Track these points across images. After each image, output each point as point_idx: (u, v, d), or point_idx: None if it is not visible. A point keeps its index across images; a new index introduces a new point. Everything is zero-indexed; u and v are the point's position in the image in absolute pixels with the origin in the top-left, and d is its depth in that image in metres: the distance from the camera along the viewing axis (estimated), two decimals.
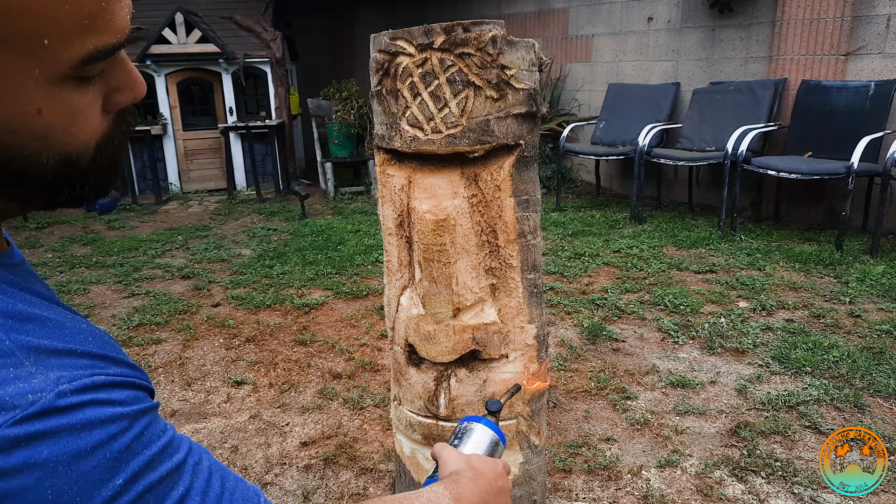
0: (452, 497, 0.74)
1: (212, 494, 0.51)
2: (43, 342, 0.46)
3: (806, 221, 4.98)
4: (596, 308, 3.53)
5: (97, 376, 0.47)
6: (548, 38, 6.97)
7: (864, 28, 4.57)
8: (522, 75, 1.12)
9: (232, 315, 3.59)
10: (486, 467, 0.84)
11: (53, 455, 0.43)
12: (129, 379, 0.50)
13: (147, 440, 0.48)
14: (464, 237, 1.19)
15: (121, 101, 0.53)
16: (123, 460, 0.46)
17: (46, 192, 0.52)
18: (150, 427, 0.49)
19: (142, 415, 0.49)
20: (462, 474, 0.81)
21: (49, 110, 0.47)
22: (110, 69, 0.51)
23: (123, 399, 0.48)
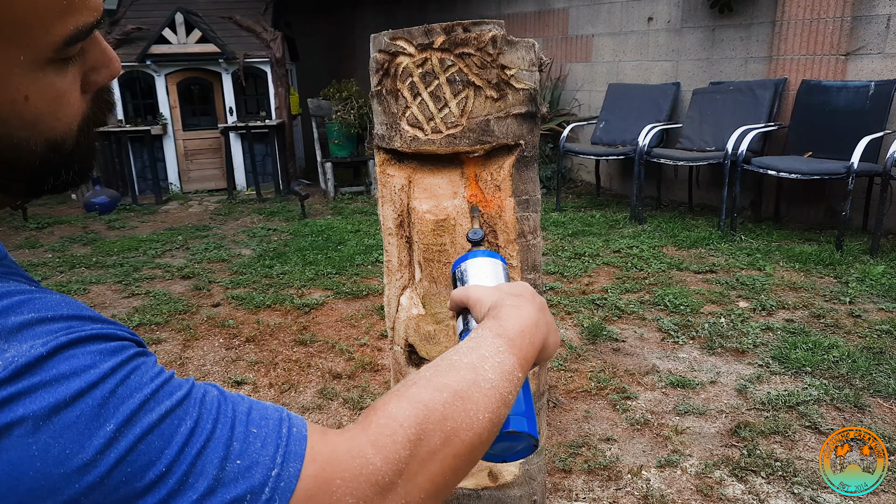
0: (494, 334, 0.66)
1: (223, 419, 0.48)
2: (14, 320, 0.45)
3: (806, 221, 4.98)
4: (596, 308, 3.53)
5: (71, 334, 0.46)
6: (548, 38, 6.97)
7: (864, 28, 4.57)
8: (522, 75, 1.12)
9: (232, 315, 3.59)
10: (519, 288, 0.75)
11: (30, 411, 0.42)
12: (108, 331, 0.48)
13: (135, 383, 0.46)
14: (464, 237, 1.19)
15: (98, 81, 0.53)
16: (110, 406, 0.44)
17: (33, 179, 0.52)
18: (136, 371, 0.47)
19: (125, 361, 0.47)
20: (501, 306, 0.71)
21: (36, 96, 0.47)
22: (87, 49, 0.51)
23: (102, 349, 0.46)
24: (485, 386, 0.59)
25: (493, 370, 0.61)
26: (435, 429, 0.54)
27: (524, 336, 0.67)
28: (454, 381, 0.58)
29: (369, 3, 9.70)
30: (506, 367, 0.63)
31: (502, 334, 0.66)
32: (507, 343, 0.65)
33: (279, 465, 0.48)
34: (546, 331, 0.72)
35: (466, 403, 0.57)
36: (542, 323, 0.72)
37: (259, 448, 0.48)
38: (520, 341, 0.67)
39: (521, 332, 0.67)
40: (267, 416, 0.51)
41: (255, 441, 0.49)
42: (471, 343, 0.65)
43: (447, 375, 0.59)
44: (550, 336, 0.73)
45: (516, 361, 0.64)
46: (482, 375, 0.60)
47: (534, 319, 0.70)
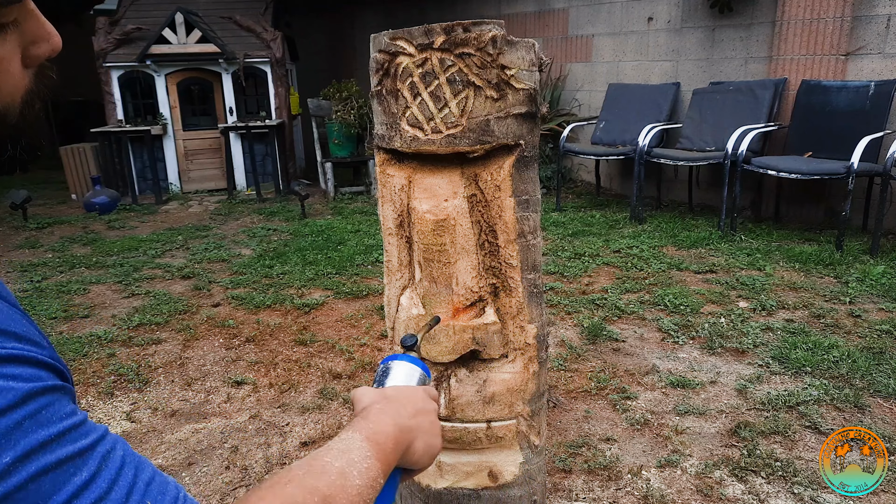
0: (364, 437, 0.70)
1: (122, 483, 0.48)
2: None
3: (806, 221, 4.98)
4: (596, 308, 3.53)
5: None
6: (548, 38, 6.97)
7: (864, 28, 4.57)
8: (522, 75, 1.12)
9: (232, 315, 3.59)
10: (399, 393, 0.81)
11: None
12: (30, 354, 0.47)
13: (44, 419, 0.45)
14: (464, 237, 1.19)
15: (39, 54, 0.53)
16: (12, 438, 0.43)
17: None
18: (50, 407, 0.45)
19: (39, 393, 0.45)
20: (370, 408, 0.76)
21: None
22: (23, 20, 0.51)
23: (18, 374, 0.45)
24: (351, 492, 0.63)
25: (360, 476, 0.65)
26: None
27: (389, 440, 0.72)
28: (325, 486, 0.61)
29: (369, 3, 9.70)
30: (371, 474, 0.67)
31: (370, 438, 0.70)
32: (373, 447, 0.69)
33: None
34: (413, 436, 0.76)
35: None
36: (411, 428, 0.76)
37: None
38: (384, 446, 0.71)
39: (387, 437, 0.72)
40: (165, 492, 0.51)
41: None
42: (341, 445, 0.68)
43: (319, 479, 0.62)
44: (420, 441, 0.77)
45: (380, 467, 0.69)
46: (350, 482, 0.64)
47: (402, 425, 0.75)
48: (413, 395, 0.81)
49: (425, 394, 0.83)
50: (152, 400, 2.71)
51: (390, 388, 0.83)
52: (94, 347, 3.21)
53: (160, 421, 2.55)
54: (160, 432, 2.47)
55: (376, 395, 0.80)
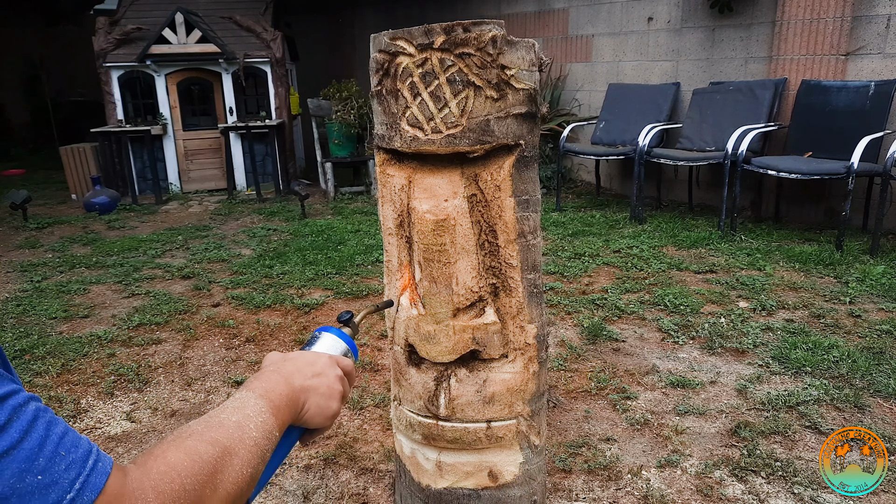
0: (257, 395, 0.73)
1: (34, 434, 0.50)
2: None
3: (806, 221, 4.98)
4: (596, 308, 3.53)
5: None
6: (548, 38, 6.97)
7: (864, 28, 4.57)
8: (522, 75, 1.12)
9: (232, 315, 3.59)
10: (300, 357, 0.84)
11: None
12: None
13: None
14: (464, 237, 1.19)
15: None
16: None
17: None
18: None
19: None
20: (265, 369, 0.81)
21: None
22: None
23: None
24: (249, 443, 0.66)
25: (257, 429, 0.69)
26: (207, 480, 0.60)
27: (282, 397, 0.75)
28: (224, 437, 0.64)
29: (369, 3, 9.70)
30: (267, 427, 0.70)
31: (263, 395, 0.74)
32: (266, 403, 0.72)
33: (76, 491, 0.50)
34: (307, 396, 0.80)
35: (233, 459, 0.64)
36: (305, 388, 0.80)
37: (62, 470, 0.50)
38: (277, 401, 0.74)
39: (279, 394, 0.75)
40: (78, 446, 0.53)
41: (59, 463, 0.50)
42: (236, 403, 0.71)
43: (218, 431, 0.65)
44: (312, 401, 0.80)
45: (275, 422, 0.72)
46: (247, 433, 0.67)
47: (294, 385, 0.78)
48: (315, 360, 0.84)
49: (330, 361, 0.86)
50: (152, 400, 2.71)
51: (294, 353, 0.86)
52: (94, 347, 3.21)
53: (160, 421, 2.55)
54: (160, 432, 2.47)
55: (279, 358, 0.84)
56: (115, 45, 6.96)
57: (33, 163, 9.79)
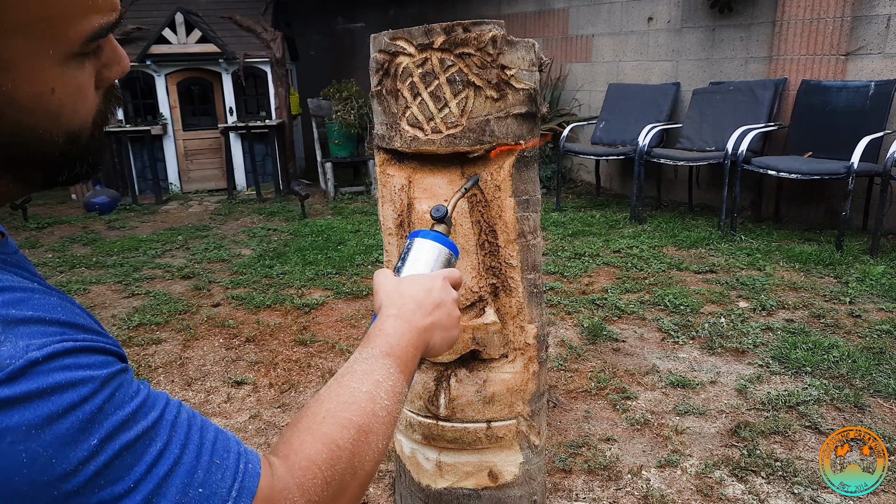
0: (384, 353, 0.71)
1: (191, 446, 0.51)
2: (10, 311, 0.47)
3: (806, 221, 4.98)
4: (596, 308, 3.53)
5: (66, 342, 0.48)
6: (548, 38, 6.97)
7: (864, 28, 4.57)
8: (522, 75, 1.12)
9: (232, 315, 3.59)
10: (416, 287, 0.80)
11: (25, 419, 0.43)
12: (98, 344, 0.50)
13: (119, 401, 0.48)
14: (464, 237, 1.19)
15: (110, 76, 0.56)
16: (96, 421, 0.46)
17: (50, 170, 0.54)
18: (121, 389, 0.49)
19: (112, 378, 0.49)
20: (385, 314, 0.77)
21: (61, 89, 0.50)
22: (102, 46, 0.54)
23: (92, 363, 0.48)
24: (382, 414, 0.66)
25: (388, 396, 0.68)
26: (346, 467, 0.61)
27: (409, 348, 0.74)
28: (357, 416, 0.64)
29: (369, 3, 9.70)
30: (397, 389, 0.69)
31: (390, 353, 0.72)
32: (394, 362, 0.71)
33: (233, 499, 0.52)
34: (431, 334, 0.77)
35: (369, 437, 0.64)
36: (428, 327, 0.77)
37: (219, 479, 0.52)
38: (404, 356, 0.73)
39: (406, 346, 0.74)
40: (229, 449, 0.54)
41: (216, 472, 0.52)
42: (364, 366, 0.70)
43: (350, 409, 0.64)
44: (437, 336, 0.78)
45: (404, 379, 0.71)
46: (379, 404, 0.66)
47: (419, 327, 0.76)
48: (431, 287, 0.80)
49: (444, 284, 0.82)
50: None
51: (407, 281, 0.80)
52: None
53: None
54: None
55: (394, 289, 0.80)
56: None
57: None
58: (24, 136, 0.50)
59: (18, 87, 0.48)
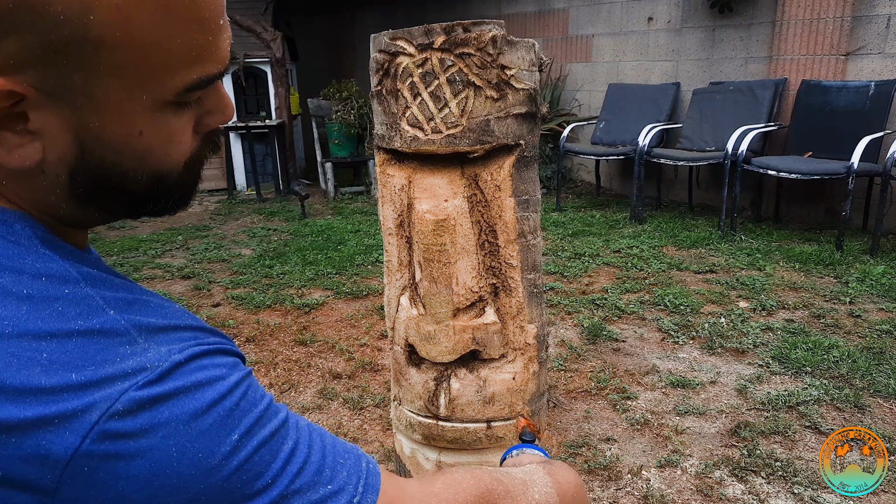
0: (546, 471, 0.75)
1: (315, 447, 0.54)
2: (150, 320, 0.50)
3: (806, 221, 4.98)
4: (596, 308, 3.53)
5: (201, 346, 0.51)
6: (548, 38, 6.97)
7: (864, 28, 4.57)
8: (522, 75, 1.12)
9: (232, 315, 3.59)
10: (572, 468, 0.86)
11: (174, 415, 0.46)
12: (226, 346, 0.54)
13: (252, 399, 0.51)
14: (464, 237, 1.19)
15: (211, 123, 0.57)
16: (235, 417, 0.49)
17: (135, 204, 0.56)
18: (251, 388, 0.52)
19: (244, 378, 0.52)
20: (554, 462, 0.82)
21: (149, 132, 0.51)
22: (205, 94, 0.54)
23: (225, 363, 0.51)
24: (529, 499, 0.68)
25: (541, 493, 0.70)
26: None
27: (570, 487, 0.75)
28: (510, 484, 0.67)
29: (369, 3, 9.70)
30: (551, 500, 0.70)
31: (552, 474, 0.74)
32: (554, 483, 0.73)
33: (360, 494, 0.54)
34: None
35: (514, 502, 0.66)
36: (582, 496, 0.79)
37: (345, 476, 0.54)
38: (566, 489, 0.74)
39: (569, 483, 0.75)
40: (348, 450, 0.57)
41: (341, 470, 0.54)
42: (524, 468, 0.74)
43: (505, 477, 0.68)
44: None
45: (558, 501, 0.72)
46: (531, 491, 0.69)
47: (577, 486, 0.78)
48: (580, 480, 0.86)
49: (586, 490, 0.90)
50: None
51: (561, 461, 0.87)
52: None
53: None
54: None
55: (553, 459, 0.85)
56: None
57: None
58: (108, 172, 0.51)
59: (107, 126, 0.49)
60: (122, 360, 0.46)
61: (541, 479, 0.72)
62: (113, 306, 0.49)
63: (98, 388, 0.45)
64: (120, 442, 0.44)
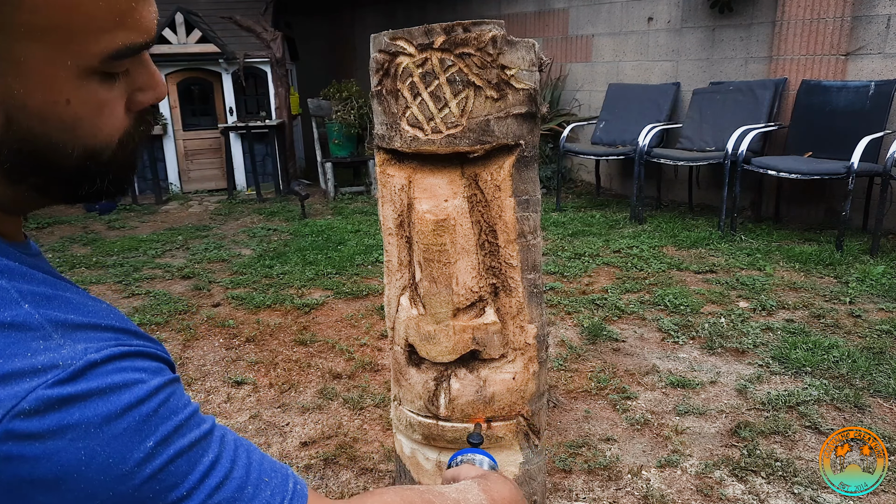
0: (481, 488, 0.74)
1: (240, 463, 0.52)
2: (69, 317, 0.48)
3: (806, 221, 4.98)
4: (596, 308, 3.53)
5: (122, 347, 0.49)
6: (548, 38, 6.97)
7: (864, 28, 4.57)
8: (522, 75, 1.12)
9: (232, 315, 3.59)
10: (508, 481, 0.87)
11: (85, 417, 0.44)
12: (150, 350, 0.52)
13: (173, 407, 0.49)
14: (464, 237, 1.19)
15: (143, 101, 0.56)
16: (152, 423, 0.47)
17: (68, 184, 0.54)
18: (174, 396, 0.50)
19: (166, 384, 0.50)
20: (489, 476, 0.82)
21: (77, 101, 0.49)
22: (135, 69, 0.54)
23: (147, 367, 0.49)
24: None
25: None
26: None
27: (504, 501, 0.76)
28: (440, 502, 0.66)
29: (369, 3, 9.70)
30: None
31: (488, 491, 0.74)
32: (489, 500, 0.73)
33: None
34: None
35: None
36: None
37: (268, 495, 0.52)
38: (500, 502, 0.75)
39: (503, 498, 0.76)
40: (276, 469, 0.55)
41: (265, 489, 0.53)
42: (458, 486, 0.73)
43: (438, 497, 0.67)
44: None
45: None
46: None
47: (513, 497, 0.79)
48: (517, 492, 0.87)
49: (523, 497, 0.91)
50: None
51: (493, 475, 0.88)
52: None
53: None
54: None
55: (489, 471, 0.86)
56: None
57: None
58: (36, 143, 0.49)
59: (31, 93, 0.47)
60: (34, 355, 0.44)
61: (475, 497, 0.72)
62: (29, 300, 0.47)
63: (4, 384, 0.43)
64: (25, 443, 0.42)
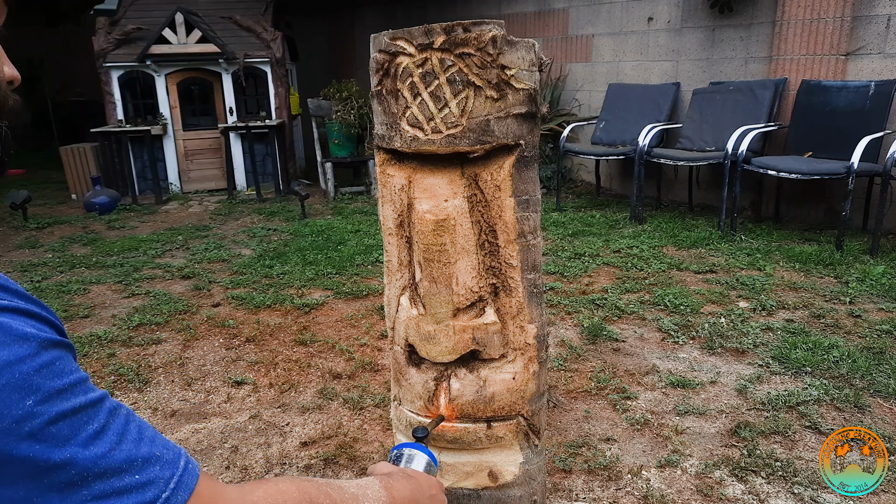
0: (382, 486, 0.76)
1: (129, 437, 0.52)
2: None
3: (806, 221, 4.98)
4: (596, 308, 3.53)
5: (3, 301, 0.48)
6: (548, 38, 6.97)
7: (864, 28, 4.57)
8: (522, 75, 1.12)
9: (232, 315, 3.59)
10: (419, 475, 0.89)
11: None
12: (36, 311, 0.50)
13: (58, 370, 0.48)
14: (464, 237, 1.19)
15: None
16: (33, 383, 0.46)
17: None
18: (60, 360, 0.49)
19: (50, 346, 0.49)
20: (394, 474, 0.84)
21: None
22: None
23: (34, 326, 0.48)
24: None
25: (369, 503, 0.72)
26: None
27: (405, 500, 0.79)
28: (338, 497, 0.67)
29: (369, 3, 9.70)
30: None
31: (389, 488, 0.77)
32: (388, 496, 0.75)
33: (170, 490, 0.52)
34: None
35: None
36: None
37: (157, 471, 0.52)
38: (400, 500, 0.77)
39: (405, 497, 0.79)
40: (169, 447, 0.55)
41: (155, 463, 0.52)
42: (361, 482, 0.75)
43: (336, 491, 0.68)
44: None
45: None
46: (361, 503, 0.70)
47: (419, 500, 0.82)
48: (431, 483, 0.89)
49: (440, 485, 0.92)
50: (152, 400, 2.71)
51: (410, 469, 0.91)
52: (94, 347, 3.21)
53: (160, 421, 2.55)
54: (160, 432, 2.47)
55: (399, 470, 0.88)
56: (115, 45, 6.96)
57: (33, 163, 9.78)
58: None
59: None
60: None
61: (374, 493, 0.74)
62: None
63: None
64: None
